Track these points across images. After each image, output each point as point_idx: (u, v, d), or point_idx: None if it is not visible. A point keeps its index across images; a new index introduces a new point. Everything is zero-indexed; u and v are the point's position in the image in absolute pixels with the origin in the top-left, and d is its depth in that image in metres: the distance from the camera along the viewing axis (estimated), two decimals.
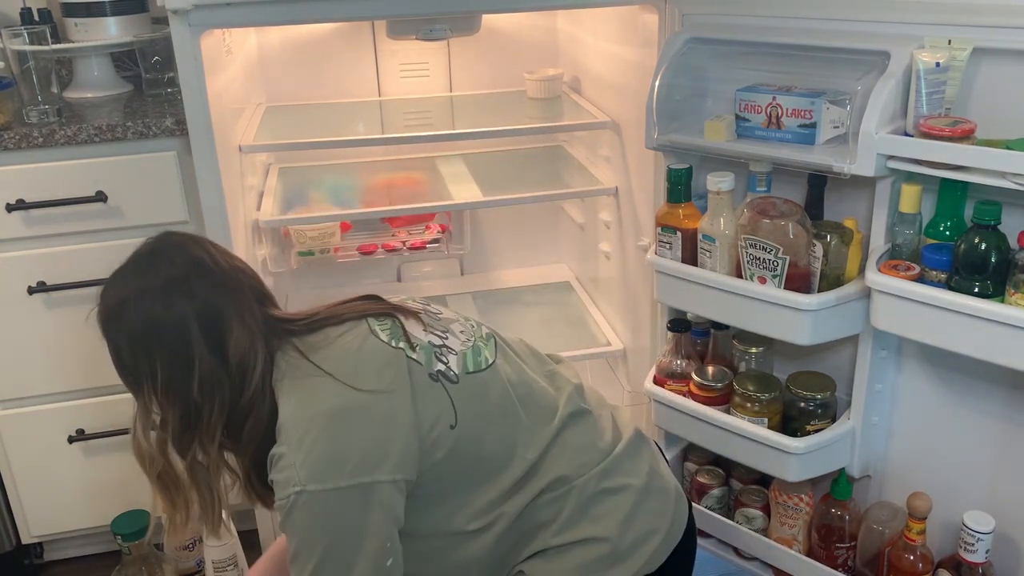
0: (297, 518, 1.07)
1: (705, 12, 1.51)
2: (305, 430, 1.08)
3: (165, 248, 1.14)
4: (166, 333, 1.09)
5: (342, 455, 1.07)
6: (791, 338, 1.38)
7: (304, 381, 1.12)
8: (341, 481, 1.06)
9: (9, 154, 1.57)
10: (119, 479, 1.80)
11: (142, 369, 1.11)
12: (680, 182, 1.48)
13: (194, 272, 1.12)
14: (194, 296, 1.10)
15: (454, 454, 1.14)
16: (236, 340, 1.11)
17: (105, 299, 1.13)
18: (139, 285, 1.10)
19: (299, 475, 1.06)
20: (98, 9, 1.82)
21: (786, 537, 1.59)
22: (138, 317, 1.09)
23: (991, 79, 1.23)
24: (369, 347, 1.15)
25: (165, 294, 1.09)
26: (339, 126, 1.99)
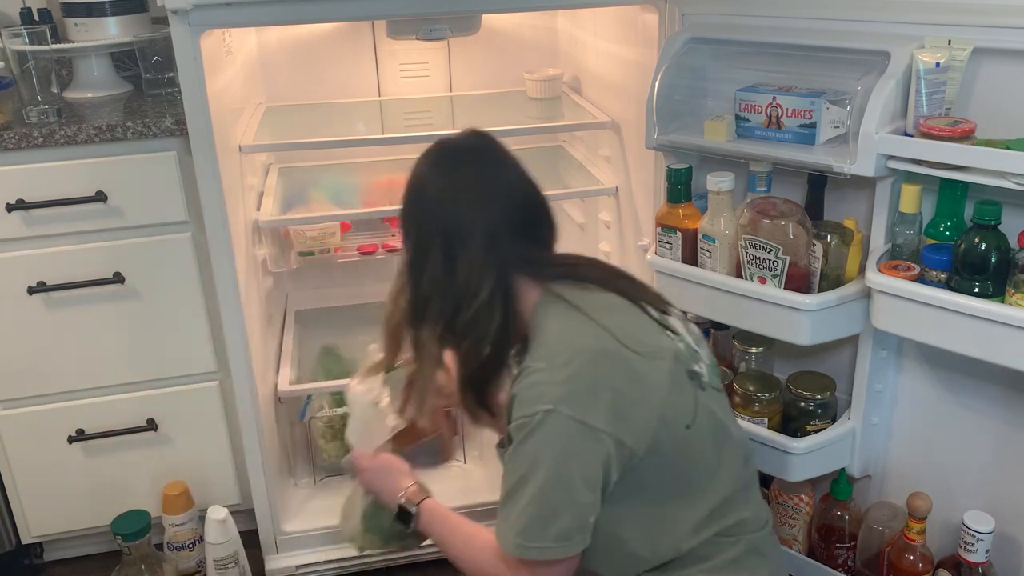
0: (535, 438, 1.07)
1: (705, 12, 1.51)
2: (569, 357, 1.09)
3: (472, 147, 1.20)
4: (426, 222, 1.16)
5: (599, 393, 1.07)
6: (791, 338, 1.38)
7: (573, 315, 1.14)
8: (590, 419, 1.06)
9: (9, 154, 1.56)
10: (119, 479, 1.80)
11: (406, 231, 1.19)
12: (680, 182, 1.48)
13: (490, 177, 1.17)
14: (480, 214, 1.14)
15: (672, 457, 1.13)
16: (470, 258, 1.13)
17: (413, 175, 1.19)
18: (442, 175, 1.17)
19: (554, 393, 1.07)
20: (98, 9, 1.82)
21: (786, 537, 1.59)
22: (421, 193, 1.17)
23: (991, 79, 1.23)
24: (643, 320, 1.17)
25: (448, 188, 1.15)
26: (339, 126, 1.99)
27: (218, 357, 1.75)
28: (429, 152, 1.20)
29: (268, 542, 1.78)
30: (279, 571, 1.78)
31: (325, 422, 1.94)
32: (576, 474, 1.07)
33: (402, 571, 1.83)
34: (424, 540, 1.36)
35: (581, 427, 1.06)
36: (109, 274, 1.66)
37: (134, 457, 1.80)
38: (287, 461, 1.95)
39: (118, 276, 1.66)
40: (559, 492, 1.07)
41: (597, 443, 1.07)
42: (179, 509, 1.75)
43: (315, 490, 1.91)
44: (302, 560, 1.79)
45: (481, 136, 1.22)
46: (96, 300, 1.68)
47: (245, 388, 1.64)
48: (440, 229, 1.15)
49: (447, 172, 1.17)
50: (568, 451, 1.07)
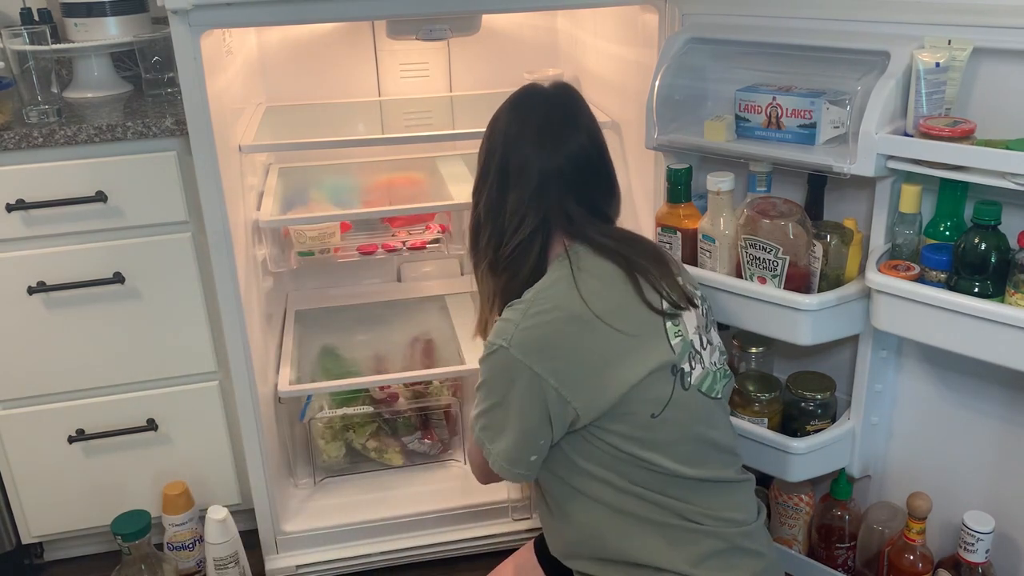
0: (488, 365, 1.19)
1: (705, 12, 1.51)
2: (545, 310, 1.17)
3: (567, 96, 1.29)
4: (491, 151, 1.27)
5: (553, 351, 1.15)
6: (791, 338, 1.38)
7: (568, 276, 1.20)
8: (536, 366, 1.14)
9: (9, 154, 1.56)
10: (119, 479, 1.80)
11: (479, 156, 1.31)
12: (680, 182, 1.48)
13: (557, 129, 1.25)
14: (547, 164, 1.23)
15: (636, 436, 1.17)
16: (519, 195, 1.23)
17: (500, 116, 1.30)
18: (517, 113, 1.28)
19: (512, 336, 1.16)
20: (98, 9, 1.82)
21: (786, 537, 1.59)
22: (494, 125, 1.29)
23: (991, 79, 1.23)
24: (637, 304, 1.20)
25: (516, 126, 1.26)
26: (339, 126, 1.99)
27: (218, 357, 1.75)
28: (516, 92, 1.31)
29: (268, 542, 1.78)
30: (279, 571, 1.78)
31: (325, 423, 1.94)
32: (513, 407, 1.17)
33: (402, 571, 1.83)
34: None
35: (524, 368, 1.14)
36: (109, 274, 1.66)
37: (134, 457, 1.80)
38: (287, 461, 1.95)
39: (118, 276, 1.66)
40: (498, 415, 1.19)
41: (537, 384, 1.14)
42: (179, 509, 1.75)
43: (315, 490, 1.91)
44: (302, 560, 1.79)
45: (566, 90, 1.31)
46: (96, 300, 1.68)
47: (245, 388, 1.64)
48: (500, 161, 1.25)
49: (521, 112, 1.27)
50: (510, 383, 1.16)
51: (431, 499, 1.85)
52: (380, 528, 1.82)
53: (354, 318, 2.19)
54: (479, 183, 1.30)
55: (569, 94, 1.30)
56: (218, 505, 1.72)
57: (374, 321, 2.17)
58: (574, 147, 1.24)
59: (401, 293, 2.28)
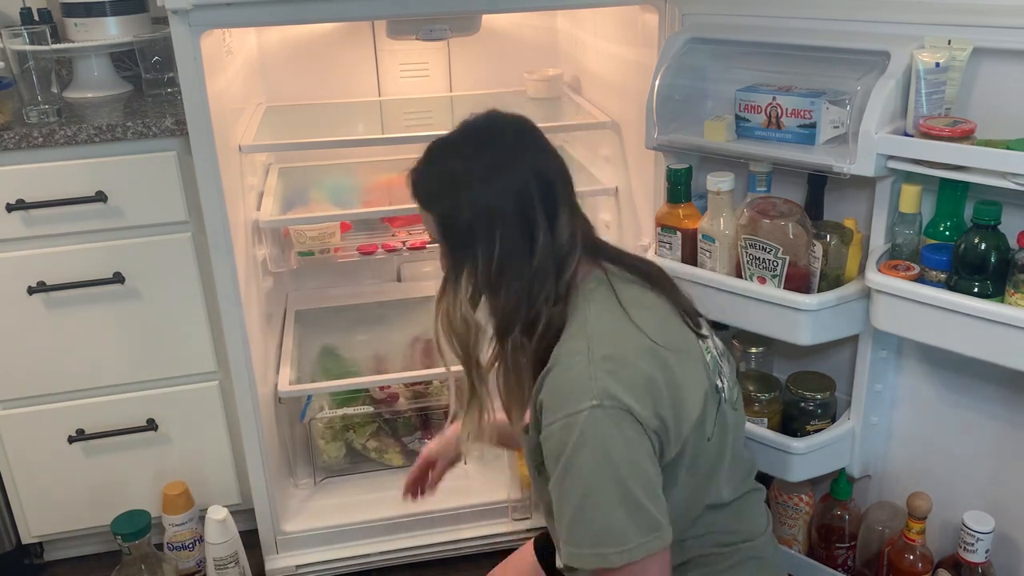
0: (591, 437, 1.00)
1: (705, 12, 1.51)
2: (610, 352, 1.03)
3: (501, 124, 1.13)
4: (511, 208, 1.06)
5: (641, 389, 1.02)
6: (791, 338, 1.38)
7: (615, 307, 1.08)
8: (636, 410, 1.00)
9: (9, 154, 1.56)
10: (119, 479, 1.80)
11: (479, 243, 1.07)
12: (680, 182, 1.48)
13: (534, 149, 1.11)
14: (535, 169, 1.08)
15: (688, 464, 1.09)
16: (562, 225, 1.08)
17: (439, 170, 1.10)
18: (483, 158, 1.08)
19: (598, 388, 1.00)
20: (98, 9, 1.81)
21: (786, 537, 1.59)
22: (484, 190, 1.06)
23: (991, 79, 1.23)
24: (679, 324, 1.14)
25: (511, 168, 1.07)
26: (339, 126, 1.99)
27: (218, 357, 1.75)
28: (457, 142, 1.12)
29: (268, 542, 1.78)
30: (279, 571, 1.78)
31: (325, 423, 1.94)
32: (644, 457, 1.02)
33: (401, 571, 1.83)
34: None
35: (629, 416, 1.00)
36: (109, 274, 1.66)
37: (134, 457, 1.80)
38: (287, 461, 1.94)
39: (118, 276, 1.66)
40: (637, 481, 1.00)
41: (643, 432, 1.02)
42: (179, 509, 1.75)
43: (315, 490, 1.91)
44: (302, 560, 1.79)
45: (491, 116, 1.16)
46: (96, 300, 1.68)
47: (245, 388, 1.64)
48: (537, 201, 1.07)
49: (505, 150, 1.09)
50: (628, 439, 1.00)
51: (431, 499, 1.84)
52: (380, 528, 1.82)
53: (354, 318, 2.19)
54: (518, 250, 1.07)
55: (492, 112, 1.16)
56: (218, 505, 1.72)
57: (374, 321, 2.17)
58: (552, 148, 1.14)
59: (401, 293, 2.28)
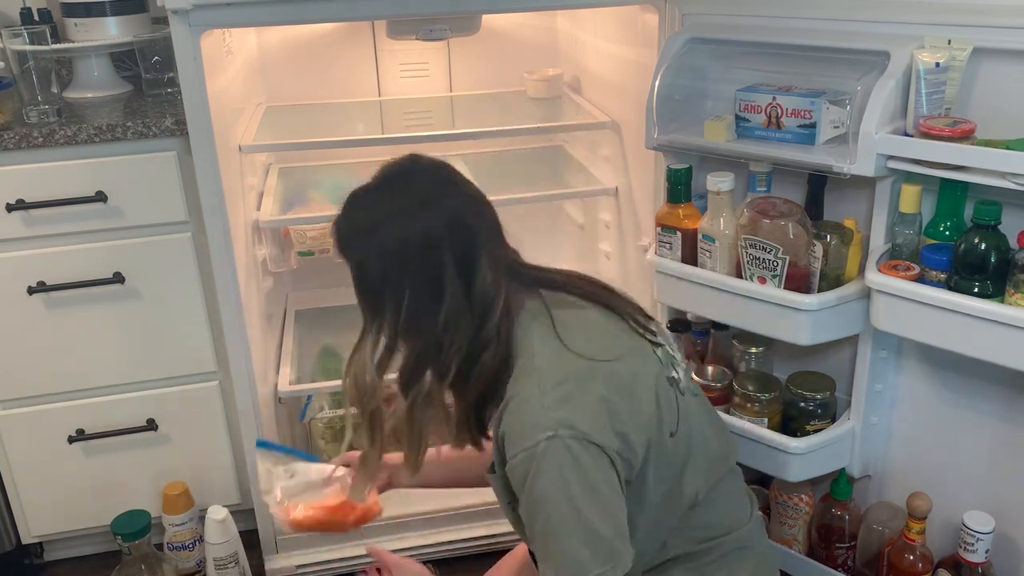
0: (547, 468, 1.01)
1: (705, 12, 1.51)
2: (559, 379, 1.04)
3: (417, 169, 1.12)
4: (420, 254, 1.05)
5: (595, 411, 1.04)
6: (791, 338, 1.38)
7: (553, 336, 1.09)
8: (594, 436, 1.02)
9: (9, 154, 1.56)
10: (119, 479, 1.80)
11: (387, 290, 1.07)
12: (680, 182, 1.48)
13: (449, 194, 1.09)
14: (448, 215, 1.06)
15: (657, 464, 1.11)
16: (482, 272, 1.07)
17: (353, 213, 1.10)
18: (394, 203, 1.07)
19: (551, 418, 1.02)
20: (98, 9, 1.81)
21: (786, 537, 1.59)
22: (393, 236, 1.05)
23: (991, 79, 1.23)
24: (622, 328, 1.15)
25: (422, 213, 1.06)
26: (339, 126, 1.99)
27: (218, 357, 1.75)
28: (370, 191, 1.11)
29: (268, 542, 1.78)
30: (279, 571, 1.78)
31: (325, 423, 1.94)
32: (602, 484, 1.04)
33: None
34: None
35: (587, 444, 1.02)
36: (109, 274, 1.66)
37: (134, 457, 1.80)
38: None
39: (118, 276, 1.66)
40: (595, 509, 1.03)
41: (604, 457, 1.04)
42: (179, 509, 1.75)
43: None
44: (302, 560, 1.79)
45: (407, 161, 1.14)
46: (96, 300, 1.67)
47: (245, 388, 1.64)
48: (447, 250, 1.06)
49: (417, 196, 1.08)
50: (584, 467, 1.02)
51: (431, 499, 1.85)
52: (379, 528, 1.82)
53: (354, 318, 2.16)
54: (426, 302, 1.07)
55: (409, 156, 1.14)
56: (218, 505, 1.72)
57: None
58: (469, 190, 1.12)
59: None
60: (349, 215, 1.11)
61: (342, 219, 1.12)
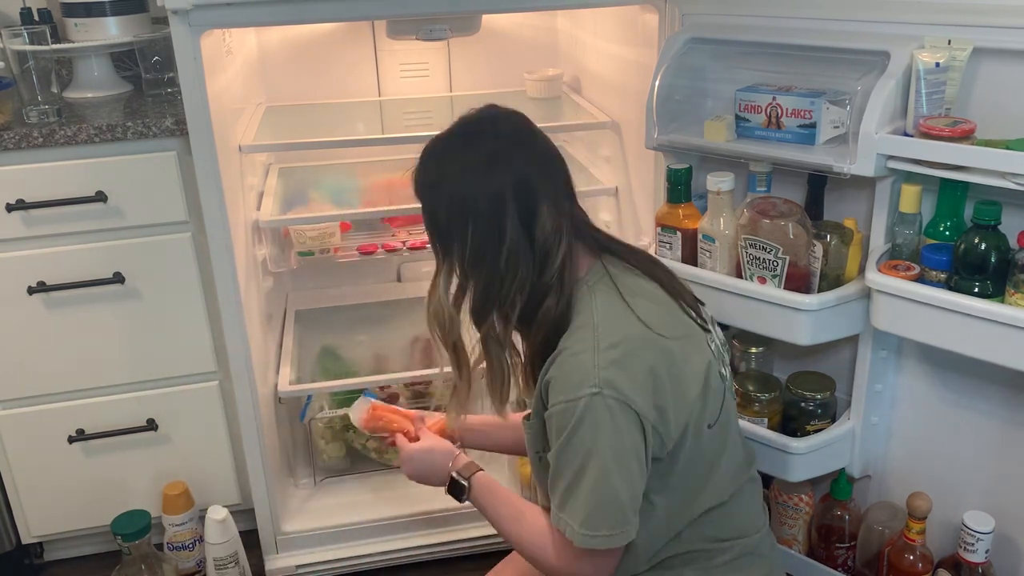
0: (586, 423, 1.05)
1: (705, 12, 1.51)
2: (614, 341, 1.08)
3: (492, 118, 1.17)
4: (483, 203, 1.11)
5: (642, 379, 1.07)
6: (791, 338, 1.38)
7: (617, 299, 1.13)
8: (634, 402, 1.05)
9: (9, 154, 1.56)
10: (119, 479, 1.80)
11: (455, 235, 1.13)
12: (680, 182, 1.48)
13: (516, 146, 1.14)
14: (514, 170, 1.12)
15: (689, 454, 1.13)
16: (543, 221, 1.12)
17: (427, 164, 1.16)
18: (464, 158, 1.13)
19: (599, 376, 1.05)
20: (98, 9, 1.81)
21: (786, 537, 1.59)
22: (459, 186, 1.12)
23: (991, 79, 1.23)
24: (681, 315, 1.17)
25: (488, 166, 1.11)
26: (339, 126, 1.99)
27: (218, 357, 1.75)
28: (446, 141, 1.16)
29: (268, 542, 1.78)
30: (279, 571, 1.78)
31: (325, 423, 1.94)
32: (631, 452, 1.06)
33: (402, 571, 1.83)
34: None
35: (626, 408, 1.05)
36: (109, 274, 1.66)
37: (134, 457, 1.80)
38: (287, 461, 1.94)
39: (118, 276, 1.66)
40: (620, 474, 1.06)
41: (639, 425, 1.06)
42: (179, 509, 1.75)
43: (315, 490, 1.91)
44: (302, 560, 1.79)
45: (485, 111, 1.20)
46: (96, 300, 1.68)
47: (245, 388, 1.64)
48: (510, 198, 1.11)
49: (488, 146, 1.13)
50: (619, 431, 1.05)
51: (431, 499, 1.84)
52: (380, 528, 1.82)
53: (354, 318, 2.19)
54: (490, 245, 1.12)
55: (488, 107, 1.20)
56: (218, 505, 1.72)
57: (374, 321, 2.17)
58: (541, 143, 1.17)
59: (401, 293, 2.28)
60: (424, 166, 1.17)
61: (418, 167, 1.18)
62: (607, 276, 1.16)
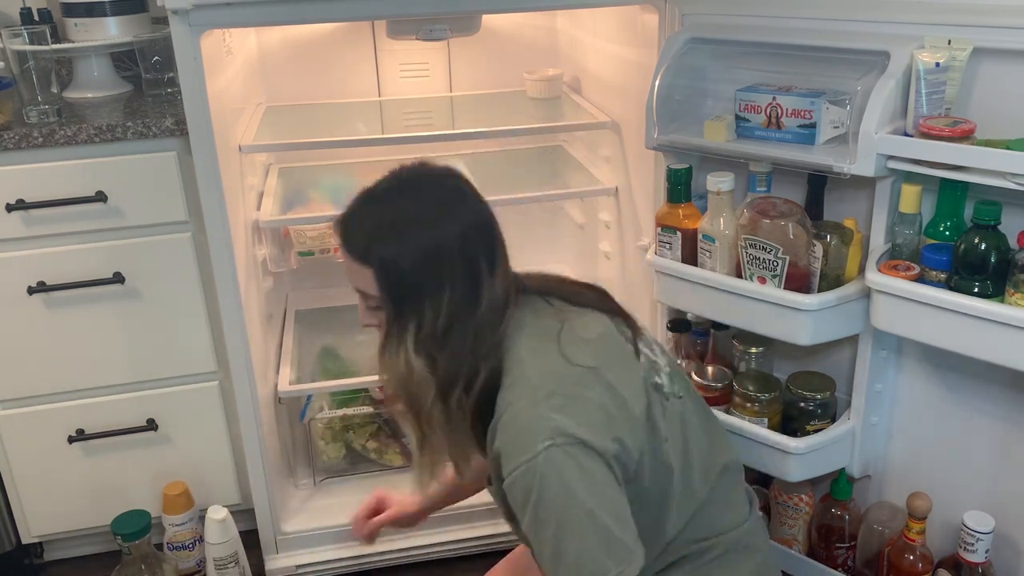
0: (551, 478, 1.00)
1: (705, 12, 1.51)
2: (552, 389, 1.04)
3: (438, 170, 1.13)
4: (459, 252, 1.06)
5: (590, 415, 1.04)
6: (791, 338, 1.38)
7: (543, 341, 1.10)
8: (591, 441, 1.02)
9: (9, 154, 1.56)
10: (119, 479, 1.80)
11: (426, 292, 1.06)
12: (680, 182, 1.48)
13: (472, 197, 1.11)
14: (477, 219, 1.09)
15: (652, 470, 1.11)
16: (503, 273, 1.09)
17: (377, 214, 1.09)
18: (430, 201, 1.08)
19: (548, 427, 1.01)
20: (98, 9, 1.82)
21: (786, 537, 1.59)
22: (432, 232, 1.05)
23: (991, 79, 1.23)
24: (602, 332, 1.15)
25: (457, 210, 1.08)
26: (339, 126, 1.99)
27: (218, 357, 1.75)
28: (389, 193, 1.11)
29: (268, 542, 1.78)
30: (279, 571, 1.78)
31: (325, 423, 1.94)
32: (605, 485, 1.03)
33: (403, 571, 1.83)
34: None
35: (586, 449, 1.02)
36: (109, 274, 1.66)
37: (134, 457, 1.80)
38: (287, 461, 1.94)
39: (118, 276, 1.66)
40: (604, 508, 1.02)
41: (603, 460, 1.04)
42: (179, 509, 1.75)
43: (315, 491, 1.91)
44: (302, 560, 1.79)
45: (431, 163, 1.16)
46: (96, 300, 1.68)
47: (245, 388, 1.64)
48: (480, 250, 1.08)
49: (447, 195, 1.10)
50: (586, 470, 1.02)
51: None
52: None
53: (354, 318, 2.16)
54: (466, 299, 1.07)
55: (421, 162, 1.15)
56: (218, 505, 1.72)
57: None
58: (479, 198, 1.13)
59: None
60: (372, 214, 1.10)
61: (360, 219, 1.11)
62: (529, 320, 1.12)
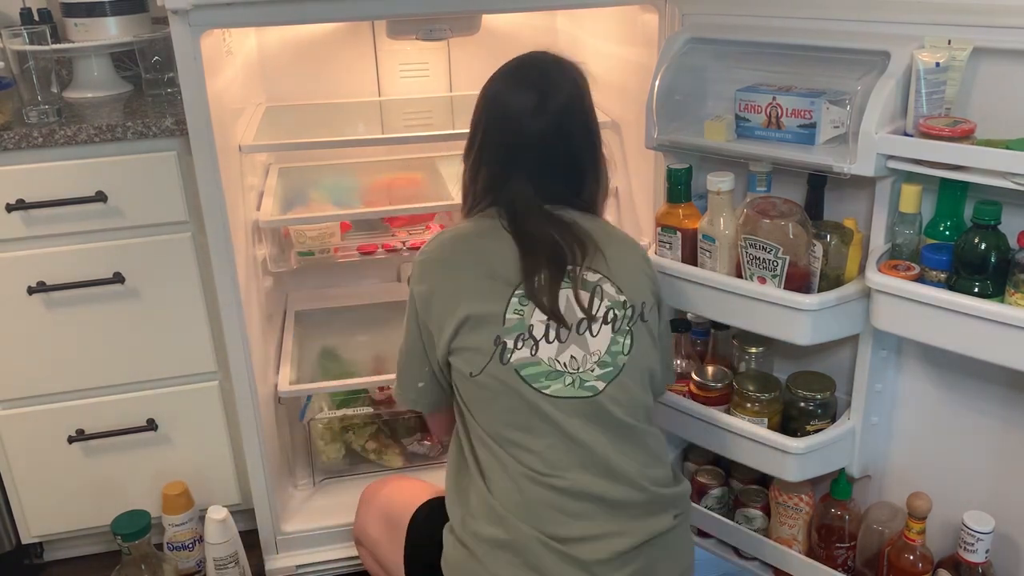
0: None
1: (705, 12, 1.51)
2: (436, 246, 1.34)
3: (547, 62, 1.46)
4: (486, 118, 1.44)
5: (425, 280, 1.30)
6: (791, 338, 1.38)
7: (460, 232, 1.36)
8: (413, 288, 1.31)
9: (9, 154, 1.57)
10: (119, 479, 1.80)
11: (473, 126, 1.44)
12: (680, 182, 1.48)
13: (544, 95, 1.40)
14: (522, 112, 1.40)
15: (467, 386, 1.27)
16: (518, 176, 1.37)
17: None
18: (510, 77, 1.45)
19: (417, 259, 1.34)
20: (98, 9, 1.82)
21: (786, 537, 1.59)
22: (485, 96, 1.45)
23: (991, 79, 1.23)
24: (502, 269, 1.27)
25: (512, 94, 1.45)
26: (339, 126, 1.99)
27: (218, 357, 1.75)
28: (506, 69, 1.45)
29: (268, 542, 1.78)
30: (279, 571, 1.78)
31: (325, 423, 1.94)
32: (413, 331, 1.32)
33: None
34: None
35: (411, 292, 1.31)
36: (109, 274, 1.66)
37: (134, 457, 1.80)
38: (287, 462, 1.94)
39: (118, 276, 1.66)
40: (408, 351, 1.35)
41: (412, 306, 1.31)
42: (179, 509, 1.75)
43: (315, 491, 1.91)
44: (302, 560, 1.79)
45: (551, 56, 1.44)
46: (96, 300, 1.68)
47: (245, 388, 1.64)
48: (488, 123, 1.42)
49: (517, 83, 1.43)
50: (409, 315, 1.32)
51: None
52: None
53: (354, 318, 2.19)
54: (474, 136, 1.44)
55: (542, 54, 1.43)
56: (218, 505, 1.72)
57: (374, 322, 2.17)
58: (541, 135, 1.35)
59: (401, 293, 2.27)
60: None
61: None
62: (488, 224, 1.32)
